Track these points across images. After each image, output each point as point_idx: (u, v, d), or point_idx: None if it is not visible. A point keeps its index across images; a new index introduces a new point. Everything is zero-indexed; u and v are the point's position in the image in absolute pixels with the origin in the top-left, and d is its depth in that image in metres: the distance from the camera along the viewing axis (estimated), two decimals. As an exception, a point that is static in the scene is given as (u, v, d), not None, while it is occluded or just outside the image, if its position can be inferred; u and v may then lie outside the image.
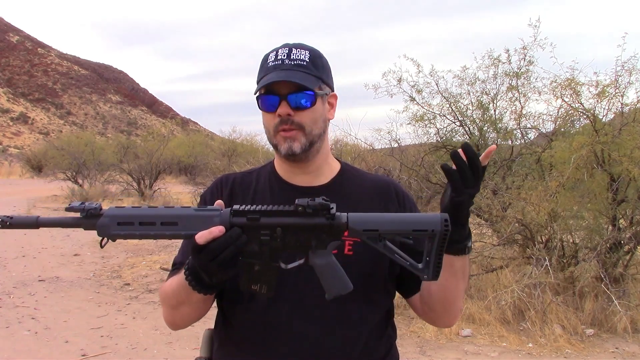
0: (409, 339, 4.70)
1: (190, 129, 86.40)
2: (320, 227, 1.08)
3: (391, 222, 1.06)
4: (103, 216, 1.10)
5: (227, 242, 1.06)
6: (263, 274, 1.11)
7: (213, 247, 1.05)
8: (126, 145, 22.81)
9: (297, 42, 1.34)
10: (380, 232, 1.05)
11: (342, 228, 1.08)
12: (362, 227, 1.05)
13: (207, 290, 1.13)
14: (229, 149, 19.78)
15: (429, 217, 1.06)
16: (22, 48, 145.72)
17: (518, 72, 6.67)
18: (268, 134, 1.32)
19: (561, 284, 5.16)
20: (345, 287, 1.09)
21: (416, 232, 1.05)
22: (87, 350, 4.42)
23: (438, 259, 1.06)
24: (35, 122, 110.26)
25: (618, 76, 5.53)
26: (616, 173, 5.22)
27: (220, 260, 1.06)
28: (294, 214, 1.09)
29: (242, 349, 1.28)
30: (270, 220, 1.09)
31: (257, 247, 1.10)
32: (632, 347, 4.50)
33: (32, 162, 29.37)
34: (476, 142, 7.04)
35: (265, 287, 1.12)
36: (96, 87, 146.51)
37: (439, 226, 1.04)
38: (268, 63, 1.29)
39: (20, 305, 5.65)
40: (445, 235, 1.04)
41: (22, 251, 8.65)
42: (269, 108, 1.28)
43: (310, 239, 1.09)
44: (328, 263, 1.09)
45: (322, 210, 1.07)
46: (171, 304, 1.26)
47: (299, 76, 1.26)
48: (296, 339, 1.22)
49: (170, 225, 1.10)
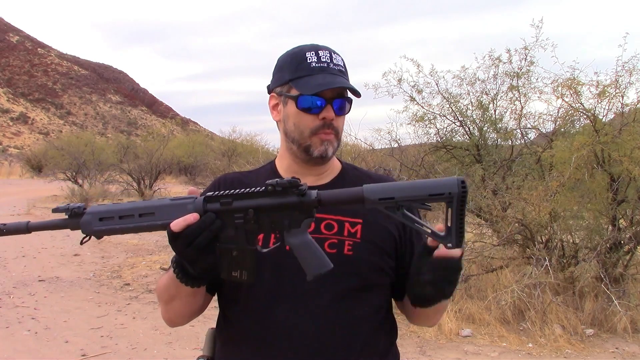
0: (409, 339, 4.70)
1: (190, 129, 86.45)
2: (292, 205, 1.06)
3: (406, 189, 1.01)
4: (86, 214, 1.14)
5: (201, 227, 1.06)
6: (242, 260, 1.10)
7: (187, 233, 1.06)
8: (126, 145, 22.84)
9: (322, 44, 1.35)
10: (396, 199, 1.00)
11: (312, 205, 1.05)
12: (378, 196, 1.00)
13: (193, 282, 1.14)
14: (229, 149, 19.81)
15: (444, 181, 1.00)
16: (22, 48, 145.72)
17: (519, 72, 6.67)
18: (300, 134, 1.30)
19: (561, 284, 5.16)
20: (323, 266, 1.06)
21: (433, 196, 0.99)
22: (87, 350, 4.42)
23: (460, 224, 1.00)
24: (35, 122, 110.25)
25: (618, 76, 5.54)
26: (616, 173, 5.22)
27: (196, 246, 1.06)
28: (265, 194, 1.08)
29: (242, 348, 1.28)
30: (242, 203, 1.09)
31: (233, 231, 1.10)
32: (632, 347, 4.50)
33: (32, 162, 29.36)
34: (476, 142, 7.04)
35: (245, 273, 1.11)
36: (96, 87, 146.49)
37: (456, 188, 0.98)
38: (310, 63, 1.28)
39: (20, 305, 5.65)
40: (464, 198, 0.98)
41: (22, 251, 8.65)
42: (312, 109, 1.27)
43: (283, 219, 1.08)
44: (303, 242, 1.07)
45: (291, 188, 1.05)
46: (164, 299, 1.28)
47: (348, 84, 1.29)
48: (296, 337, 1.22)
49: (148, 216, 1.12)
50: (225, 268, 1.12)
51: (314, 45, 1.31)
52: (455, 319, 4.90)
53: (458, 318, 4.97)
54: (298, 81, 1.28)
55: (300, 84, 1.27)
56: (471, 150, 7.10)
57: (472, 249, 5.82)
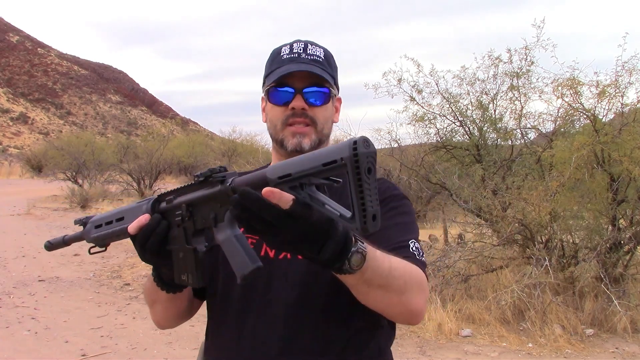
0: (409, 339, 4.70)
1: (190, 129, 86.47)
2: (212, 196, 0.98)
3: (301, 162, 0.86)
4: (89, 223, 1.18)
5: (149, 230, 1.03)
6: (187, 262, 1.03)
7: (139, 237, 1.03)
8: (126, 145, 22.85)
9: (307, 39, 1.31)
10: (293, 175, 0.85)
11: (228, 192, 0.95)
12: (277, 174, 0.87)
13: (167, 287, 1.12)
14: (229, 149, 19.85)
15: (337, 146, 0.83)
16: (22, 48, 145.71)
17: (519, 72, 6.67)
18: (274, 128, 1.26)
19: (561, 284, 5.16)
20: (245, 265, 0.91)
21: (327, 167, 0.82)
22: (87, 350, 4.42)
23: (360, 199, 0.79)
24: (35, 122, 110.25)
25: (618, 76, 5.54)
26: (616, 173, 5.22)
27: (148, 249, 1.03)
28: (194, 187, 1.02)
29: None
30: (179, 199, 1.04)
31: (176, 231, 1.04)
32: (632, 347, 4.49)
33: (32, 162, 29.37)
34: (476, 142, 7.04)
35: (190, 277, 1.03)
36: (96, 87, 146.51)
37: (347, 151, 0.79)
38: (282, 56, 1.25)
39: (20, 305, 5.65)
40: (357, 163, 0.79)
41: (22, 251, 8.65)
42: (281, 100, 1.24)
43: (209, 212, 0.99)
44: (227, 238, 0.95)
45: (209, 177, 0.98)
46: (148, 302, 1.28)
47: (318, 70, 1.22)
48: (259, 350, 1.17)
49: (121, 221, 1.11)
50: (176, 272, 1.06)
51: (295, 40, 1.28)
52: (455, 319, 4.90)
53: (458, 318, 4.97)
54: (269, 76, 1.25)
55: (270, 78, 1.25)
56: (471, 150, 7.10)
57: (472, 249, 5.82)
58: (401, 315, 1.09)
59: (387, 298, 1.03)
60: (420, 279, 1.09)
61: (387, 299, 1.03)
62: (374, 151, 0.81)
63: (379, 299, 1.03)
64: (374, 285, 0.99)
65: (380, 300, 1.04)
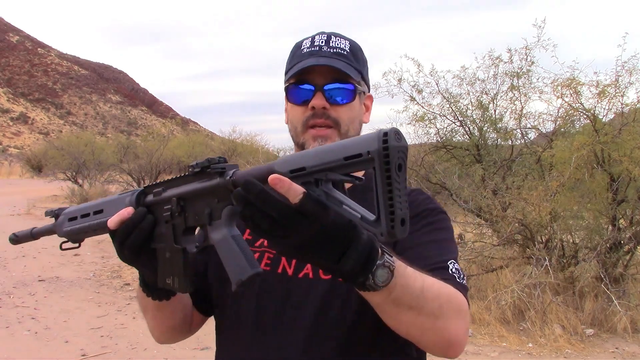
0: (409, 339, 4.70)
1: (190, 129, 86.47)
2: (209, 189, 0.87)
3: (318, 155, 0.74)
4: (61, 215, 1.09)
5: (131, 225, 0.92)
6: (174, 263, 0.92)
7: (120, 232, 0.92)
8: (126, 145, 22.81)
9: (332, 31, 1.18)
10: (308, 169, 0.74)
11: (228, 186, 0.84)
12: (289, 167, 0.76)
13: (153, 293, 1.03)
14: (229, 149, 19.81)
15: (364, 137, 0.72)
16: (22, 48, 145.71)
17: (519, 72, 6.67)
18: (294, 130, 1.15)
19: (561, 284, 5.16)
20: (243, 270, 0.80)
21: (350, 161, 0.71)
22: (87, 350, 4.42)
23: (388, 200, 0.68)
24: (35, 122, 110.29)
25: (618, 76, 5.55)
26: (616, 173, 5.22)
27: (129, 247, 0.92)
28: (187, 179, 0.91)
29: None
30: (170, 192, 0.93)
31: (164, 227, 0.93)
32: (632, 347, 4.50)
33: (32, 162, 29.34)
34: (476, 142, 7.04)
35: (176, 280, 0.92)
36: (96, 87, 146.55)
37: (376, 144, 0.68)
38: (302, 50, 1.15)
39: (20, 305, 5.65)
40: (387, 158, 0.68)
41: (22, 251, 8.64)
42: (300, 99, 1.13)
43: (204, 208, 0.88)
44: (223, 238, 0.84)
45: (207, 168, 0.86)
46: (140, 309, 1.20)
47: (341, 64, 1.11)
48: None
49: (99, 214, 1.02)
50: (160, 274, 0.95)
51: (319, 32, 1.18)
52: (455, 319, 4.90)
53: (458, 318, 4.96)
54: (289, 72, 1.15)
55: (288, 74, 1.15)
56: (471, 150, 7.10)
57: (472, 249, 5.82)
58: (436, 345, 0.94)
59: (419, 322, 0.89)
60: (459, 304, 0.96)
61: (419, 323, 0.90)
62: (405, 145, 0.70)
63: (410, 323, 0.90)
64: (404, 306, 0.86)
65: (412, 324, 0.90)
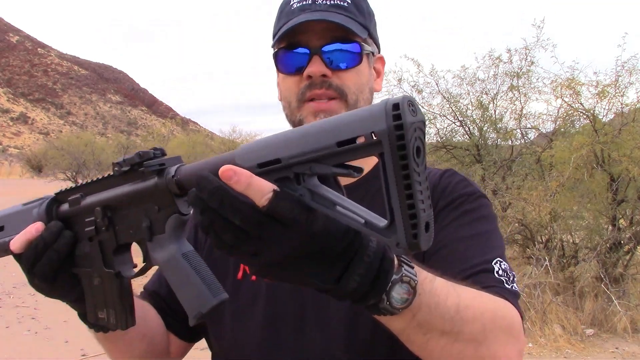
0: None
1: (190, 129, 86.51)
2: (145, 194, 0.66)
3: (298, 140, 0.53)
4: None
5: (41, 245, 0.71)
6: (106, 292, 0.73)
7: (27, 256, 0.72)
8: (126, 145, 22.81)
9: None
10: (283, 161, 0.53)
11: (170, 188, 0.64)
12: (255, 159, 0.55)
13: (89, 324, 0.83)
14: (229, 149, 19.80)
15: (364, 111, 0.51)
16: (22, 48, 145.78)
17: (519, 72, 6.68)
18: (288, 107, 0.91)
19: (561, 284, 5.17)
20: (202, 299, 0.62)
21: (345, 147, 0.51)
22: (87, 350, 4.42)
23: (407, 198, 0.49)
24: (35, 122, 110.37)
25: (618, 76, 5.55)
26: (616, 173, 5.23)
27: (40, 275, 0.72)
28: (113, 181, 0.70)
29: None
30: (91, 199, 0.72)
31: (88, 245, 0.73)
32: (632, 347, 4.50)
33: (32, 162, 29.38)
34: (476, 142, 7.04)
35: (112, 314, 0.74)
36: (96, 87, 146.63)
37: (384, 124, 0.49)
38: (291, 5, 0.90)
39: (20, 305, 5.66)
40: (402, 140, 0.48)
41: (22, 251, 8.66)
42: (292, 67, 0.89)
43: (141, 219, 0.68)
44: (170, 257, 0.66)
45: (138, 166, 0.67)
46: None
47: (341, 18, 0.87)
48: None
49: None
50: (89, 305, 0.76)
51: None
52: (455, 319, 4.90)
53: (458, 318, 4.97)
54: (276, 35, 0.91)
55: (276, 38, 0.91)
56: (471, 150, 7.10)
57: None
58: None
59: (456, 351, 0.68)
60: (510, 320, 0.75)
61: (456, 353, 0.68)
62: (422, 119, 0.51)
63: (444, 353, 0.68)
64: (434, 332, 0.66)
65: (447, 354, 0.68)
